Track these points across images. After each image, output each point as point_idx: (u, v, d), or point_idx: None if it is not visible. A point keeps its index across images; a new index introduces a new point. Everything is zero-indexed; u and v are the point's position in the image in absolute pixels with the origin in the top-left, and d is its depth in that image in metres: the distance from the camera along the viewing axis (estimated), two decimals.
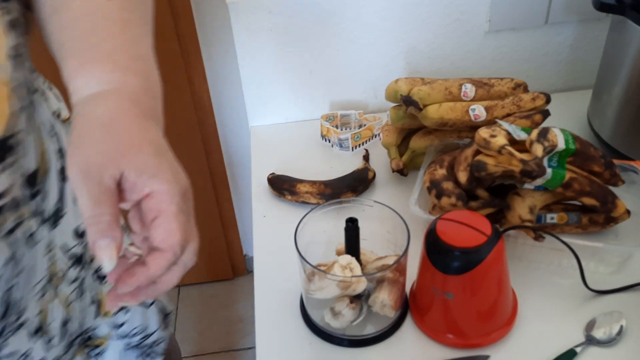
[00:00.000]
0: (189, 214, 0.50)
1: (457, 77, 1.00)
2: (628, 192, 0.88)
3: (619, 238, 0.88)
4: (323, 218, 0.80)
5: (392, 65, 1.18)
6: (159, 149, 0.49)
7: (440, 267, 0.71)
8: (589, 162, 0.82)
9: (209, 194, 1.87)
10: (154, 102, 0.55)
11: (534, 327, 0.78)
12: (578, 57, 1.21)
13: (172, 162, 0.50)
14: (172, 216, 0.47)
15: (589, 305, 0.80)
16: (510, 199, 0.84)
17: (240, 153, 1.80)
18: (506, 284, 0.75)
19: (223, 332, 1.98)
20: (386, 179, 1.04)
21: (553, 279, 0.84)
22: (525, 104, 0.94)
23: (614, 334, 0.75)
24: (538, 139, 0.77)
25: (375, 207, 0.79)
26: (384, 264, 0.77)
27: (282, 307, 0.83)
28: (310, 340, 0.79)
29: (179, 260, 0.49)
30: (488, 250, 0.69)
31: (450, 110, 0.93)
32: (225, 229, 1.98)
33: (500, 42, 1.17)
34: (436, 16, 1.12)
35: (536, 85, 1.21)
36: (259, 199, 1.03)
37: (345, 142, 1.11)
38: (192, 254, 0.50)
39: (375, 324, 0.78)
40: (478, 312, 0.74)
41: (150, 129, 0.50)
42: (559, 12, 1.13)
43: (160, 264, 0.47)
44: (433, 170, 0.88)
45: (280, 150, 1.15)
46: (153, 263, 0.47)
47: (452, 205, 0.83)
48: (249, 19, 1.09)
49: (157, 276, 0.48)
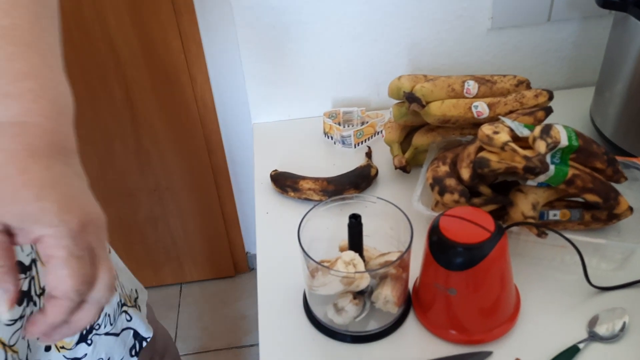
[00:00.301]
0: (91, 250, 0.46)
1: (459, 74, 1.00)
2: (630, 189, 0.88)
3: (622, 235, 0.88)
4: (326, 215, 0.80)
5: (395, 62, 1.18)
6: (42, 189, 0.44)
7: (443, 263, 0.71)
8: (592, 159, 0.82)
9: (211, 191, 1.87)
10: (46, 121, 0.47)
11: (536, 324, 0.78)
12: (581, 54, 1.21)
13: (64, 196, 0.45)
14: (61, 262, 0.44)
15: (592, 302, 0.80)
16: (513, 196, 0.84)
17: (242, 150, 1.80)
18: (509, 281, 0.76)
19: (226, 329, 1.98)
20: (389, 176, 1.05)
21: (556, 276, 0.84)
22: (527, 100, 0.94)
23: (617, 331, 0.75)
24: (541, 135, 0.77)
25: (378, 203, 0.79)
26: (387, 260, 0.77)
27: (285, 304, 0.83)
28: (313, 337, 0.79)
29: (90, 298, 0.47)
30: (491, 247, 0.69)
31: (453, 107, 0.93)
32: (228, 226, 1.98)
33: (502, 40, 1.17)
34: (439, 13, 1.12)
35: (539, 82, 1.21)
36: (261, 196, 1.03)
37: (348, 139, 1.11)
38: (104, 290, 0.47)
39: (378, 320, 0.78)
40: (481, 308, 0.74)
41: (31, 167, 0.44)
42: (561, 9, 1.13)
43: (57, 311, 0.45)
44: (436, 167, 0.88)
45: (282, 147, 1.15)
46: (50, 310, 0.46)
47: (455, 202, 0.83)
48: (251, 15, 1.09)
49: (58, 322, 0.46)
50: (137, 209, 1.88)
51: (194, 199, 1.89)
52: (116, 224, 1.90)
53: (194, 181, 1.84)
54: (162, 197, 1.87)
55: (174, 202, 1.89)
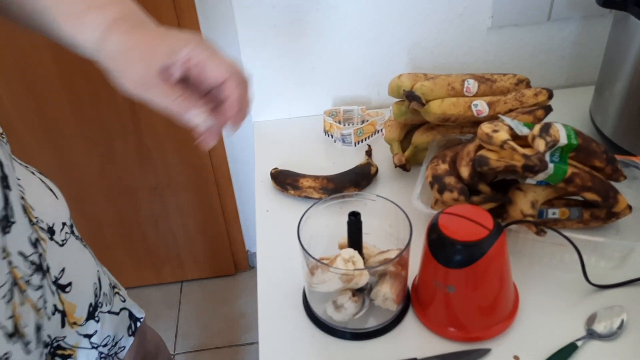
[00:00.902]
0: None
1: (460, 72, 1.01)
2: (630, 188, 0.88)
3: (621, 233, 0.88)
4: (326, 212, 0.80)
5: (395, 60, 1.18)
6: (169, 30, 0.58)
7: (442, 261, 0.71)
8: (591, 158, 0.82)
9: (211, 189, 1.87)
10: (145, 17, 0.61)
11: (535, 321, 0.78)
12: (581, 53, 1.21)
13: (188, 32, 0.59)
14: (214, 58, 0.58)
15: (590, 300, 0.80)
16: (512, 194, 0.84)
17: (243, 148, 1.80)
18: (507, 278, 0.76)
19: (225, 327, 1.98)
20: (389, 174, 1.05)
21: (554, 274, 0.84)
22: (527, 99, 0.94)
23: (615, 328, 0.75)
24: (540, 134, 0.78)
25: (377, 201, 0.80)
26: (386, 258, 0.77)
27: (285, 301, 0.84)
28: (313, 334, 0.79)
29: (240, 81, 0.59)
30: (490, 244, 0.69)
31: (453, 106, 0.93)
32: (228, 224, 1.99)
33: (503, 38, 1.17)
34: (439, 12, 1.13)
35: (539, 81, 1.22)
36: (261, 194, 1.03)
37: (348, 138, 1.11)
38: (243, 73, 0.60)
39: (378, 318, 0.79)
40: (479, 305, 0.74)
41: (159, 28, 0.59)
42: (561, 8, 1.13)
43: (230, 86, 0.58)
44: (435, 165, 0.88)
45: (283, 145, 1.15)
46: (227, 89, 0.58)
47: (455, 200, 0.83)
48: (252, 14, 1.10)
49: (236, 99, 0.59)
50: (138, 207, 1.89)
51: (194, 197, 1.89)
52: (117, 221, 1.90)
53: (194, 179, 1.84)
54: (162, 195, 1.87)
55: (175, 200, 1.89)
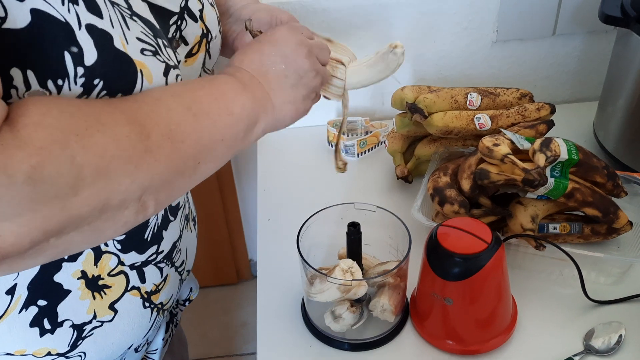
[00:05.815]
0: None
1: (464, 85, 1.01)
2: (630, 204, 0.88)
3: (621, 249, 0.88)
4: (326, 222, 0.80)
5: (400, 72, 1.18)
6: None
7: (440, 273, 0.71)
8: (592, 173, 0.82)
9: (215, 198, 1.88)
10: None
11: (533, 336, 0.78)
12: (585, 69, 1.21)
13: None
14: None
15: (589, 315, 0.80)
16: (512, 208, 0.84)
17: (246, 157, 1.81)
18: (506, 292, 0.76)
19: (226, 336, 1.98)
20: (391, 186, 1.05)
21: (553, 288, 0.84)
22: (530, 113, 0.94)
23: (613, 344, 0.75)
24: (541, 148, 0.78)
25: (377, 212, 0.80)
26: (385, 269, 0.77)
27: (284, 310, 0.84)
28: (311, 343, 0.79)
29: None
30: (488, 257, 0.69)
31: (456, 119, 0.94)
32: (231, 233, 1.99)
33: (507, 52, 1.18)
34: (444, 25, 1.13)
35: (543, 95, 1.22)
36: (263, 203, 1.03)
37: (351, 149, 1.11)
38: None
39: (376, 328, 0.79)
40: (477, 318, 0.74)
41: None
42: (566, 23, 1.14)
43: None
44: (437, 178, 0.89)
45: (286, 155, 1.16)
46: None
47: (455, 212, 0.83)
48: None
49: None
50: None
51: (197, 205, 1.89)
52: None
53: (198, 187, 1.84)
54: None
55: None
